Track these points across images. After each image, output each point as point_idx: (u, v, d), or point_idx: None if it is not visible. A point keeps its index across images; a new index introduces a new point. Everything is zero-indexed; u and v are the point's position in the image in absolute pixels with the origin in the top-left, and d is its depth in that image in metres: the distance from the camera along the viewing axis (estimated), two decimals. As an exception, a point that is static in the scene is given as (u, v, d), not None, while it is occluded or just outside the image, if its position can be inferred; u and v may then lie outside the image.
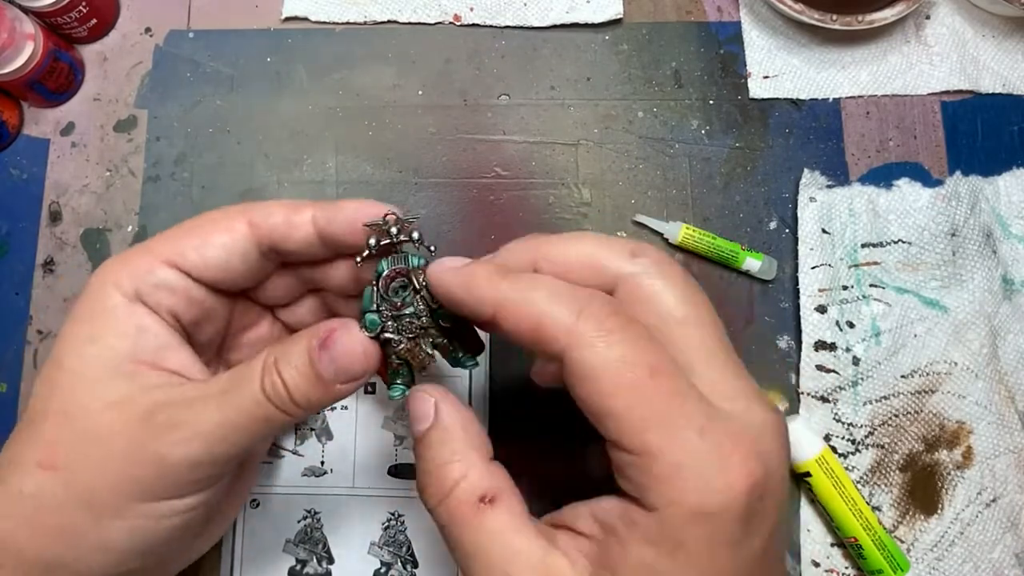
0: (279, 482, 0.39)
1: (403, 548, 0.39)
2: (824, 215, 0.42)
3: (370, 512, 0.39)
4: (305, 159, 0.44)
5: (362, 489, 0.39)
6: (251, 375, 0.26)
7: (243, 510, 0.39)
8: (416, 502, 0.39)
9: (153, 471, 0.26)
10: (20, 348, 0.41)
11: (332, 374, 0.26)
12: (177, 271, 0.28)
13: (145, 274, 0.27)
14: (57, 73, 0.42)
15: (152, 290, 0.27)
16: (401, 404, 0.39)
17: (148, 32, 0.45)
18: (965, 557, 0.39)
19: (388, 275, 0.28)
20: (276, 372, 0.26)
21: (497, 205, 0.43)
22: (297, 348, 0.26)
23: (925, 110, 0.45)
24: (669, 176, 0.44)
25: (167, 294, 0.28)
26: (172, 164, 0.43)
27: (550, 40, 0.45)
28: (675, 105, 0.45)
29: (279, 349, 0.27)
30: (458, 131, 0.44)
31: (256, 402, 0.26)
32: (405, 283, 0.28)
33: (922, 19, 0.46)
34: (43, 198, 0.43)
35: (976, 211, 0.42)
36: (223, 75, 0.45)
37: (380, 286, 0.28)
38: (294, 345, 0.26)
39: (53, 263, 0.42)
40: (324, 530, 0.39)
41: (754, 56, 0.45)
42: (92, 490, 0.25)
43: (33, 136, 0.44)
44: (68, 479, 0.26)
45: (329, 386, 0.26)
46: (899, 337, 0.41)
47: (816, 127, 0.45)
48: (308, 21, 0.45)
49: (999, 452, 0.40)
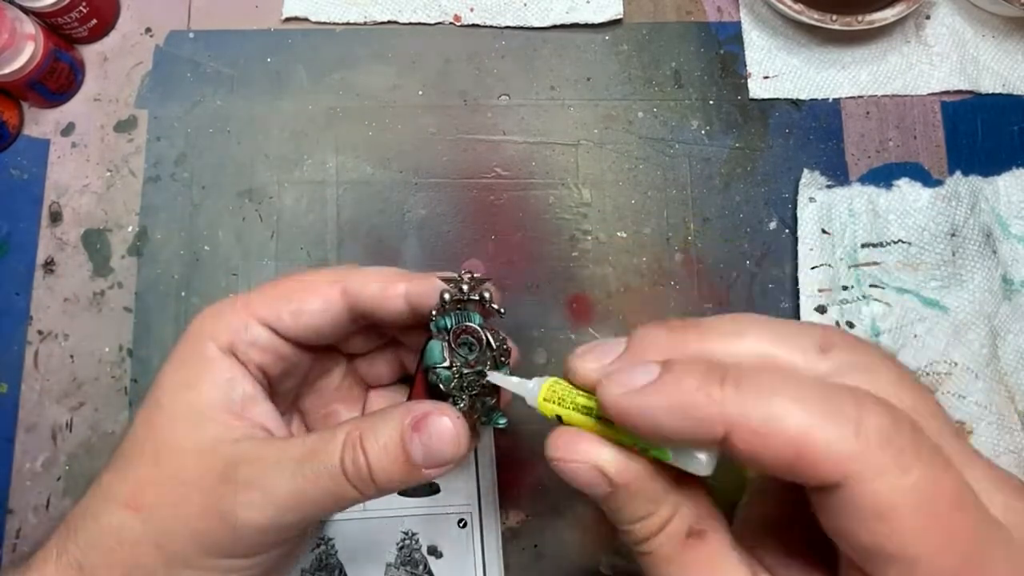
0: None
1: (420, 566, 0.38)
2: (824, 215, 0.42)
3: (383, 534, 0.39)
4: (305, 159, 0.44)
5: (373, 511, 0.39)
6: (332, 447, 0.26)
7: None
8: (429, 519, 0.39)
9: (222, 528, 0.26)
10: (20, 348, 0.41)
11: (422, 458, 0.26)
12: (269, 330, 0.29)
13: (240, 331, 0.29)
14: (57, 73, 0.42)
15: (246, 347, 0.29)
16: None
17: (148, 32, 0.45)
18: (965, 557, 0.39)
19: (457, 331, 0.28)
20: (360, 449, 0.26)
21: (497, 205, 0.43)
22: (387, 427, 0.26)
23: (925, 110, 0.45)
24: (669, 176, 0.44)
25: (258, 352, 0.29)
26: (172, 164, 0.43)
27: (550, 40, 0.45)
28: (675, 105, 0.45)
29: (366, 425, 0.26)
30: (458, 131, 0.44)
31: (332, 477, 0.26)
32: (471, 341, 0.28)
33: (922, 19, 0.46)
34: (43, 198, 0.43)
35: (976, 211, 0.42)
36: (223, 75, 0.45)
37: (451, 341, 0.28)
38: (383, 423, 0.26)
39: (53, 263, 0.42)
40: (339, 556, 0.38)
41: (754, 56, 0.45)
42: (166, 534, 0.26)
43: (33, 136, 0.44)
44: (147, 519, 0.26)
45: (416, 469, 0.26)
46: (899, 337, 0.41)
47: (816, 127, 0.45)
48: (308, 21, 0.45)
49: (999, 452, 0.40)
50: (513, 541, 0.39)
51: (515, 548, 0.39)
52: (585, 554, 0.39)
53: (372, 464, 0.26)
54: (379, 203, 0.43)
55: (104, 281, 0.42)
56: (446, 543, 0.38)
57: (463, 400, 0.28)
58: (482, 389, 0.29)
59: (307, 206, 0.43)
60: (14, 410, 0.41)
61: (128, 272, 0.42)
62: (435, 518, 0.39)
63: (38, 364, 0.41)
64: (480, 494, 0.39)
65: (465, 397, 0.28)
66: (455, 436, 0.26)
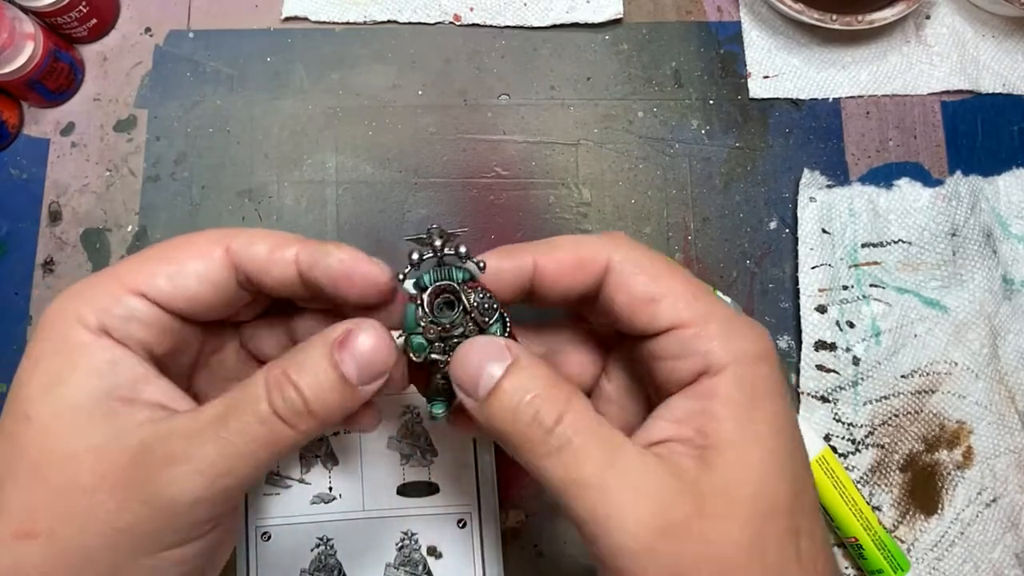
0: (288, 512, 0.39)
1: (419, 567, 0.38)
2: (824, 215, 0.42)
3: (383, 534, 0.38)
4: (305, 159, 0.44)
5: (373, 511, 0.39)
6: (253, 395, 0.24)
7: (255, 544, 0.38)
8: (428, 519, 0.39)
9: (149, 516, 0.23)
10: (20, 348, 0.41)
11: (356, 373, 0.24)
12: (146, 300, 0.25)
13: (111, 305, 0.25)
14: (57, 73, 0.42)
15: (120, 323, 0.25)
16: (405, 423, 0.40)
17: (148, 32, 0.45)
18: (965, 557, 0.39)
19: (433, 292, 0.26)
20: (289, 383, 0.24)
21: (497, 205, 0.43)
22: (312, 354, 0.24)
23: (925, 110, 0.45)
24: (669, 176, 0.44)
25: (137, 326, 0.25)
26: (172, 164, 0.43)
27: (550, 40, 0.45)
28: (675, 105, 0.45)
29: (286, 360, 0.24)
30: (458, 131, 0.44)
31: (262, 421, 0.23)
32: (451, 300, 0.27)
33: (922, 19, 0.46)
34: (43, 198, 0.43)
35: (976, 211, 0.42)
36: (223, 75, 0.45)
37: (425, 303, 0.26)
38: (306, 353, 0.24)
39: (53, 263, 0.42)
40: (338, 556, 0.38)
41: (754, 56, 0.45)
42: (81, 550, 0.23)
43: (33, 136, 0.44)
44: (49, 544, 0.23)
45: (352, 388, 0.24)
46: (899, 337, 0.41)
47: (816, 127, 0.45)
48: (308, 21, 0.45)
49: (999, 452, 0.40)
50: (513, 541, 0.39)
51: (515, 548, 0.39)
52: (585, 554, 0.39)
53: (306, 394, 0.24)
54: (379, 203, 0.43)
55: (104, 281, 0.42)
56: (445, 543, 0.38)
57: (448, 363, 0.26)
58: None
59: (307, 206, 0.43)
60: (13, 410, 0.40)
61: (128, 272, 0.42)
62: (434, 518, 0.39)
63: (37, 364, 0.41)
64: (480, 494, 0.39)
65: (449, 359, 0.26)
66: (384, 344, 0.25)
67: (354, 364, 0.24)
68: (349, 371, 0.24)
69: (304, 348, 0.25)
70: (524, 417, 0.24)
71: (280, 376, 0.24)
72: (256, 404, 0.24)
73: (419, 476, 0.39)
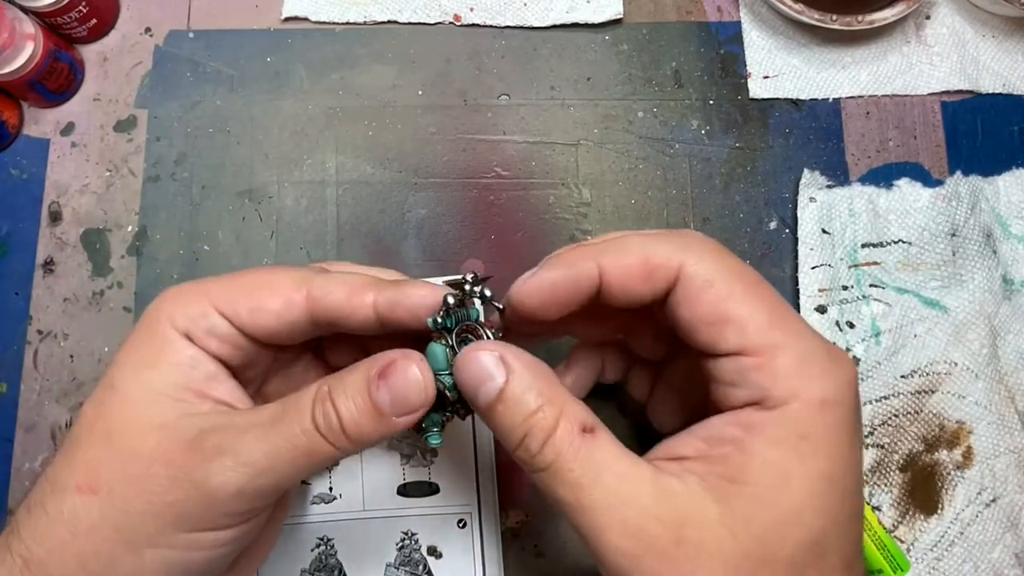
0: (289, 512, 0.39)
1: (419, 567, 0.38)
2: (824, 215, 0.42)
3: (383, 534, 0.38)
4: (305, 159, 0.44)
5: (373, 511, 0.39)
6: (302, 406, 0.26)
7: None
8: (428, 519, 0.39)
9: (195, 498, 0.25)
10: (20, 348, 0.41)
11: (389, 405, 0.25)
12: (227, 321, 0.28)
13: (198, 317, 0.28)
14: (57, 73, 0.42)
15: (202, 333, 0.28)
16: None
17: (148, 32, 0.45)
18: (965, 557, 0.39)
19: (459, 331, 0.27)
20: (330, 402, 0.25)
21: (497, 205, 0.43)
22: (353, 378, 0.26)
23: (925, 110, 0.45)
24: (669, 176, 0.44)
25: (216, 341, 0.28)
26: (172, 164, 0.43)
27: (550, 40, 0.45)
28: (675, 105, 0.45)
29: (334, 380, 0.26)
30: (458, 131, 0.44)
31: (305, 432, 0.25)
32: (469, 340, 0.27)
33: (922, 19, 0.46)
34: (43, 198, 0.43)
35: (976, 211, 0.42)
36: (223, 75, 0.45)
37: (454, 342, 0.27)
38: (350, 376, 0.26)
39: (53, 263, 0.42)
40: (339, 556, 0.38)
41: (754, 56, 0.45)
42: (130, 514, 0.25)
43: (33, 136, 0.44)
44: (106, 502, 0.25)
45: (385, 418, 0.25)
46: (899, 337, 0.41)
47: (816, 127, 0.45)
48: (308, 21, 0.45)
49: (999, 452, 0.40)
50: (513, 541, 0.39)
51: (515, 548, 0.39)
52: (585, 554, 0.39)
53: (342, 416, 0.25)
54: (379, 203, 0.43)
55: (104, 281, 0.42)
56: (446, 543, 0.38)
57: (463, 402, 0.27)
58: None
59: (307, 206, 0.43)
60: (13, 410, 0.41)
61: (128, 272, 0.42)
62: (435, 518, 0.39)
63: (37, 364, 0.41)
64: (480, 494, 0.39)
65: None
66: (420, 382, 0.26)
67: (388, 397, 0.25)
68: (383, 402, 0.25)
69: (352, 370, 0.26)
70: (515, 438, 0.25)
71: (325, 393, 0.26)
72: (301, 414, 0.25)
73: (419, 476, 0.39)
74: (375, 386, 0.25)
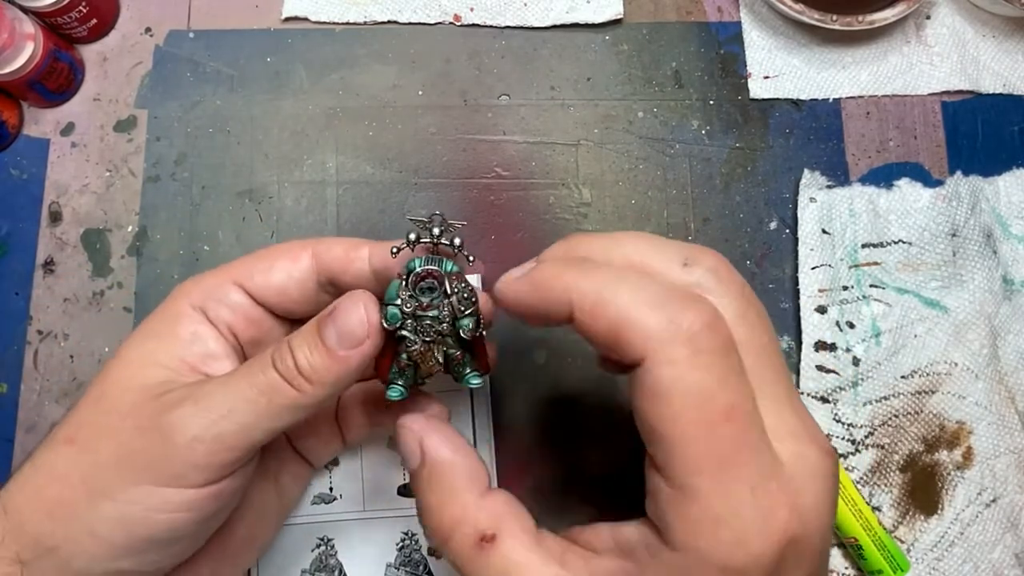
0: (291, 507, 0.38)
1: (420, 567, 0.38)
2: (824, 215, 0.42)
3: (383, 534, 0.38)
4: (305, 159, 0.44)
5: (373, 512, 0.39)
6: (264, 354, 0.27)
7: None
8: None
9: (157, 444, 0.26)
10: (20, 348, 0.41)
11: (335, 339, 0.27)
12: (241, 291, 0.31)
13: (214, 290, 0.30)
14: (57, 73, 0.42)
15: (215, 305, 0.30)
16: None
17: (148, 32, 0.45)
18: (965, 557, 0.39)
19: (420, 273, 0.28)
20: (287, 346, 0.27)
21: (497, 205, 0.43)
22: (308, 324, 0.28)
23: (925, 110, 0.45)
24: (669, 176, 0.44)
25: (228, 310, 0.30)
26: (172, 164, 0.43)
27: (550, 40, 0.45)
28: (675, 105, 0.45)
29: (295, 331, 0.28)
30: (458, 131, 0.44)
31: (264, 373, 0.27)
32: (434, 285, 0.28)
33: (922, 19, 0.46)
34: (43, 198, 0.43)
35: (976, 211, 0.42)
36: (223, 75, 0.45)
37: (410, 282, 0.28)
38: (307, 323, 0.28)
39: (53, 263, 0.42)
40: (339, 556, 0.38)
41: (754, 56, 0.45)
42: (96, 465, 0.26)
43: (33, 136, 0.44)
44: (79, 452, 0.26)
45: (333, 353, 0.27)
46: (899, 337, 0.41)
47: (816, 127, 0.45)
48: (308, 21, 0.45)
49: (999, 452, 0.40)
50: (513, 541, 0.39)
51: (515, 548, 0.39)
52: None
53: (296, 355, 0.27)
54: (379, 203, 0.43)
55: (104, 281, 0.42)
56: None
57: (415, 343, 0.28)
58: (439, 337, 0.28)
59: (307, 206, 0.43)
60: (14, 410, 0.41)
61: (128, 272, 0.42)
62: (435, 518, 0.39)
63: (38, 364, 0.41)
64: (480, 494, 0.39)
65: (417, 340, 0.28)
66: (361, 313, 0.27)
67: (335, 331, 0.27)
68: (329, 337, 0.27)
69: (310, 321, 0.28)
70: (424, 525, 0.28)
71: (284, 340, 0.28)
72: (264, 359, 0.27)
73: (419, 476, 0.39)
74: (324, 323, 0.27)
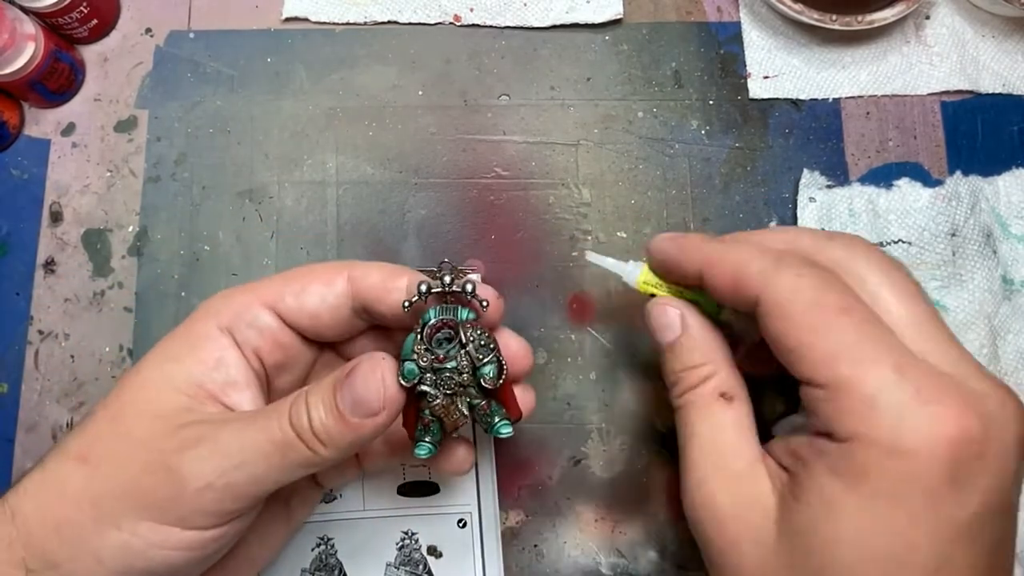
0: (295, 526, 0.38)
1: (420, 566, 0.38)
2: (824, 215, 0.42)
3: (383, 533, 0.38)
4: (305, 159, 0.44)
5: (373, 511, 0.39)
6: (283, 404, 0.26)
7: None
8: (428, 519, 0.39)
9: (166, 485, 0.25)
10: (21, 348, 0.41)
11: (349, 407, 0.25)
12: (272, 314, 0.29)
13: (243, 311, 0.29)
14: (58, 74, 0.42)
15: (244, 328, 0.29)
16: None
17: (148, 32, 0.45)
18: (965, 557, 0.39)
19: (435, 324, 0.27)
20: (305, 403, 0.26)
21: (497, 205, 0.43)
22: (326, 381, 0.26)
23: (925, 110, 0.45)
24: (669, 176, 0.44)
25: (256, 334, 0.29)
26: (172, 164, 0.44)
27: (550, 40, 0.45)
28: (675, 105, 0.45)
29: (315, 381, 0.27)
30: (458, 131, 0.44)
31: (281, 428, 0.25)
32: (451, 335, 0.27)
33: (922, 19, 0.46)
34: (44, 198, 0.43)
35: (976, 211, 0.42)
36: (223, 75, 0.45)
37: (425, 335, 0.27)
38: (326, 379, 0.27)
39: (54, 263, 0.42)
40: (339, 555, 0.38)
41: (754, 56, 0.45)
42: (106, 491, 0.25)
43: (34, 136, 0.44)
44: (92, 473, 0.26)
45: (347, 421, 0.25)
46: (899, 337, 0.41)
47: (816, 127, 0.45)
48: (308, 21, 0.45)
49: (999, 452, 0.40)
50: (513, 541, 0.39)
51: (515, 548, 0.39)
52: (585, 554, 0.39)
53: (312, 416, 0.25)
54: (379, 203, 0.43)
55: (104, 281, 0.42)
56: (446, 543, 0.38)
57: (437, 398, 0.27)
58: (460, 388, 0.27)
59: (307, 206, 0.43)
60: (14, 410, 0.41)
61: (128, 272, 0.42)
62: (435, 518, 0.39)
63: (38, 364, 0.41)
64: (480, 494, 0.39)
65: (439, 395, 0.27)
66: (378, 383, 0.26)
67: (349, 399, 0.26)
68: (343, 404, 0.26)
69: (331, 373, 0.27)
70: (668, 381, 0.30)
71: (303, 393, 0.26)
72: (280, 411, 0.26)
73: (419, 476, 0.39)
74: (339, 387, 0.26)
